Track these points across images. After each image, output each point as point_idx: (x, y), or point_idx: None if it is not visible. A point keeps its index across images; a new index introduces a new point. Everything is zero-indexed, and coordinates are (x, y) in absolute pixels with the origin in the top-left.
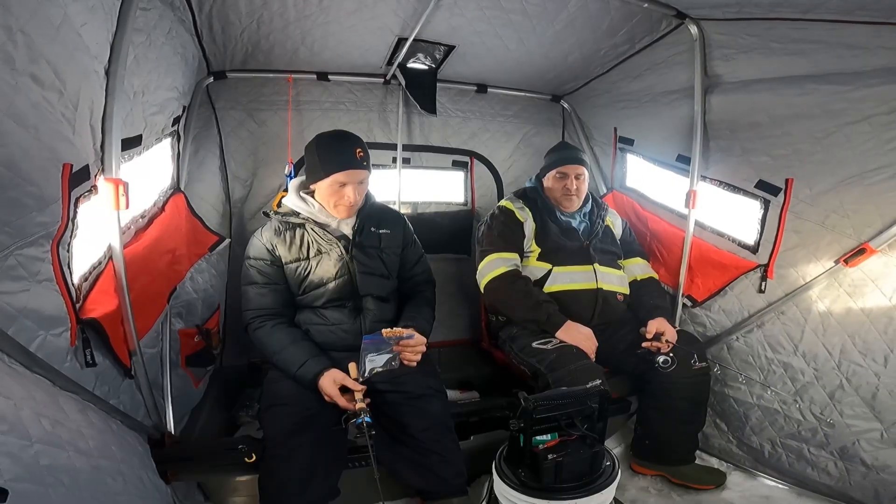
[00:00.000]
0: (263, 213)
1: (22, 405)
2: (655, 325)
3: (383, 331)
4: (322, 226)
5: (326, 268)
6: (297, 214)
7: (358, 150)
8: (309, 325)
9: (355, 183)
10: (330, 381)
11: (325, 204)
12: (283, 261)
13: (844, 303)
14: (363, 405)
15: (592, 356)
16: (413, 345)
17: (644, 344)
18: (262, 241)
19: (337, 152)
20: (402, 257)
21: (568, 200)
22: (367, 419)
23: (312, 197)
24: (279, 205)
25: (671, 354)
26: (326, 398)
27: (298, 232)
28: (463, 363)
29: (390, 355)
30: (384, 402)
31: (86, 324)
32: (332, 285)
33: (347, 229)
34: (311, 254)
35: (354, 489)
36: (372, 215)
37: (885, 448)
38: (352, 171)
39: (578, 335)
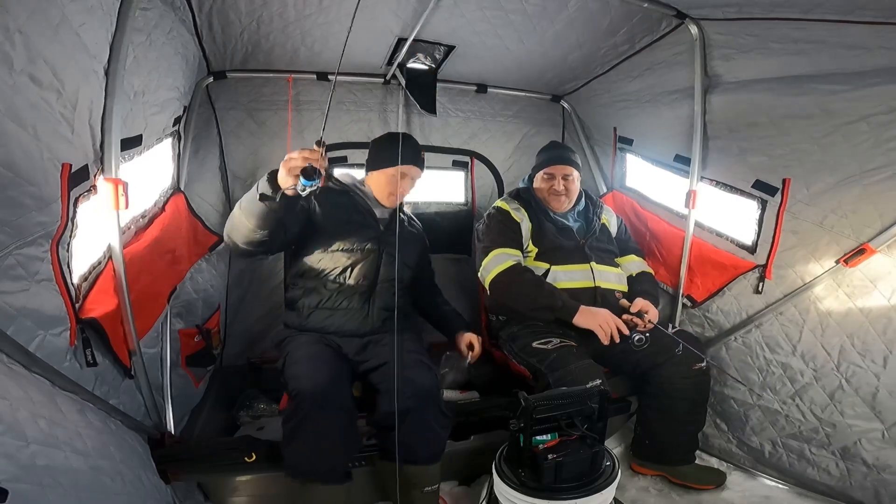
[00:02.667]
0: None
1: (19, 406)
2: (641, 303)
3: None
4: (369, 202)
5: (359, 234)
6: (351, 186)
7: (422, 153)
8: (312, 308)
9: (412, 178)
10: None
11: (378, 192)
12: (322, 208)
13: (843, 303)
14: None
15: (616, 335)
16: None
17: (625, 316)
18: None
19: (409, 148)
20: (420, 255)
21: (556, 201)
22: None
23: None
24: None
25: (647, 334)
26: (287, 170)
27: (345, 196)
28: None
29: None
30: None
31: (85, 323)
32: (358, 254)
33: (384, 216)
34: (351, 216)
35: (355, 489)
36: (402, 210)
37: (886, 448)
38: (415, 168)
39: (597, 317)
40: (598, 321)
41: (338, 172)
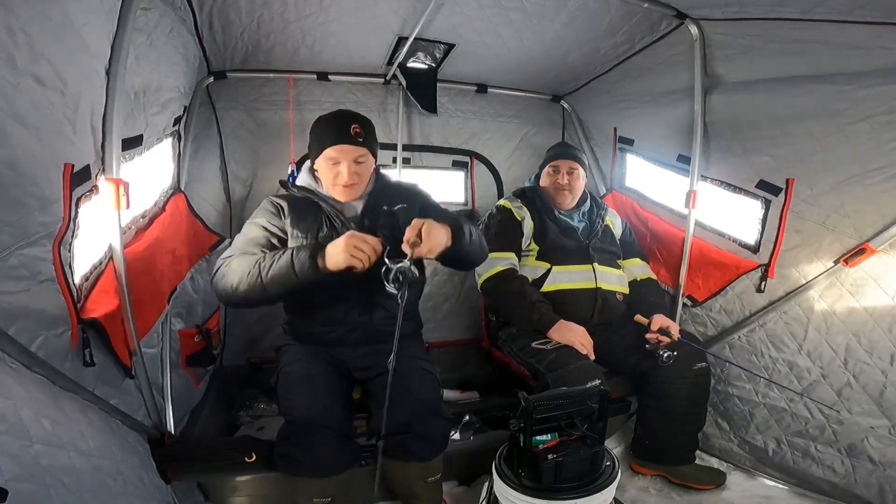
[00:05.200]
0: (280, 182)
1: (22, 405)
2: (659, 320)
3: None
4: (336, 207)
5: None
6: (313, 193)
7: (354, 126)
8: (308, 329)
9: (350, 160)
10: (346, 239)
11: (327, 184)
12: (290, 235)
13: (847, 302)
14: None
15: (591, 353)
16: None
17: (649, 335)
18: (276, 202)
19: (331, 128)
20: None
21: (560, 195)
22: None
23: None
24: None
25: (675, 351)
26: (353, 253)
27: (313, 209)
28: (463, 363)
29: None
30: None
31: (87, 324)
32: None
33: (354, 213)
34: (323, 233)
35: (355, 489)
36: (384, 193)
37: (893, 445)
38: (344, 147)
39: (570, 334)
40: (571, 338)
41: (303, 173)
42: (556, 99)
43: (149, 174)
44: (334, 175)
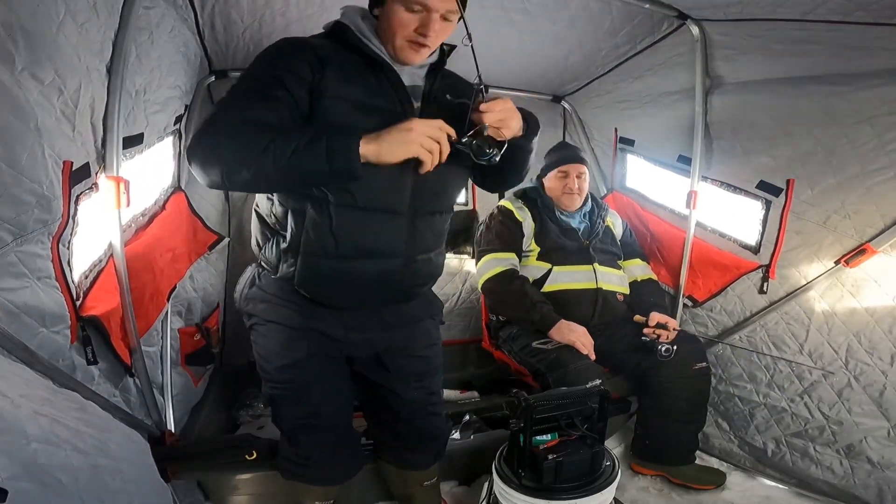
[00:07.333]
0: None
1: (20, 403)
2: (657, 317)
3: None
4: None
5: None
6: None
7: None
8: (337, 229)
9: (439, 13)
10: (420, 125)
11: (389, 37)
12: (329, 92)
13: (848, 303)
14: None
15: (591, 353)
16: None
17: (646, 330)
18: (308, 42)
19: None
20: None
21: (569, 199)
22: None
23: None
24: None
25: (674, 345)
26: (426, 144)
27: (362, 65)
28: (463, 363)
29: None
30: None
31: (86, 321)
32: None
33: (415, 80)
34: (373, 101)
35: (355, 489)
36: (447, 77)
37: (891, 446)
38: None
39: (571, 334)
40: (576, 338)
41: (350, 14)
42: (556, 99)
43: (149, 172)
44: (414, 23)
